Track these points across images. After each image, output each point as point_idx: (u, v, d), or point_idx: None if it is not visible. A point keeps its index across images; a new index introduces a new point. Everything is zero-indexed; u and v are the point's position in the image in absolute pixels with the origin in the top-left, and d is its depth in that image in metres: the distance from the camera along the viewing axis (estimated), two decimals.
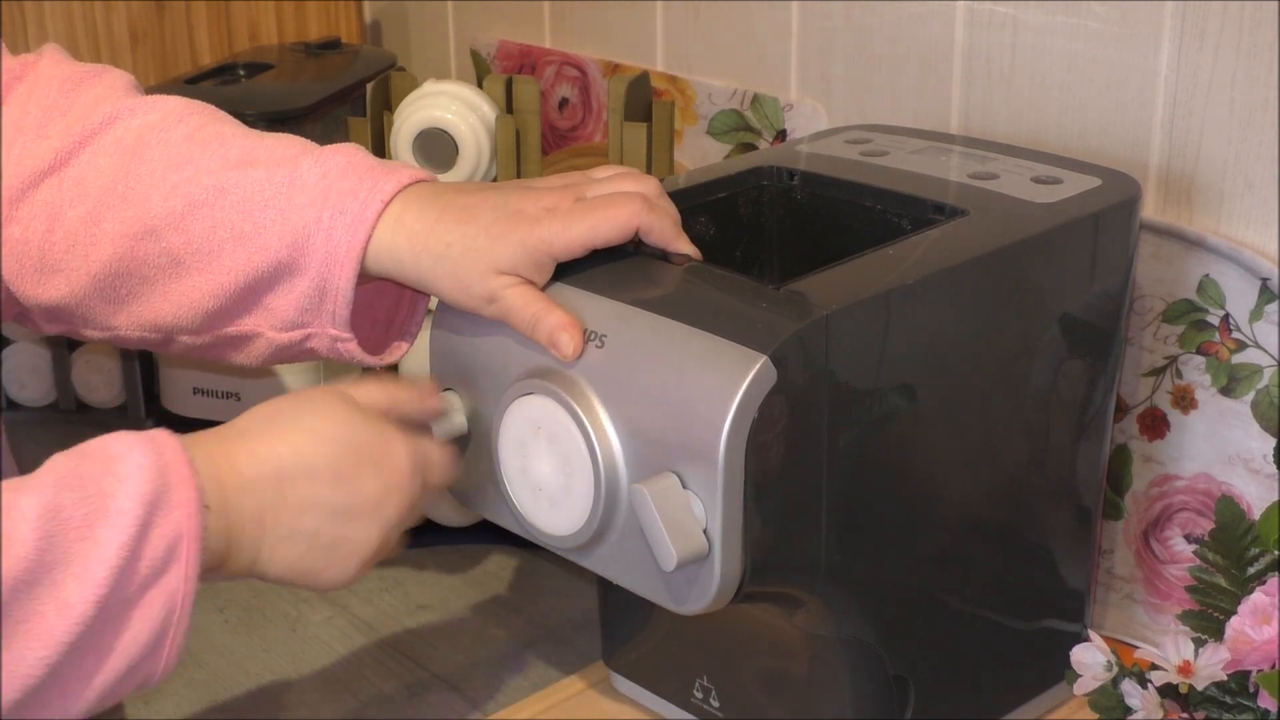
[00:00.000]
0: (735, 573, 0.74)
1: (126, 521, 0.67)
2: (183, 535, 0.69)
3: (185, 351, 0.87)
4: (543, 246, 0.78)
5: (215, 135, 0.85)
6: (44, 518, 0.66)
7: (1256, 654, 0.73)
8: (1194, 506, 0.99)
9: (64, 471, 0.68)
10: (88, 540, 0.66)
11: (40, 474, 0.69)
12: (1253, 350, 0.95)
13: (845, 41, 1.15)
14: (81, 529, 0.66)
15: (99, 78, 0.89)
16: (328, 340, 0.83)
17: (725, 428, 0.70)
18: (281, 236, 0.81)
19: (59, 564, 0.66)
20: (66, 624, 0.65)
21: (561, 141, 1.38)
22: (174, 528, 0.69)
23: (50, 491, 0.67)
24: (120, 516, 0.67)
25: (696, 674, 0.92)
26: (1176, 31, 0.96)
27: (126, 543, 0.67)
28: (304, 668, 1.03)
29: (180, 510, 0.69)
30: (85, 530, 0.66)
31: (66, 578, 0.66)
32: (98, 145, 0.85)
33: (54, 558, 0.65)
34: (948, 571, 0.86)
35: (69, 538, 0.66)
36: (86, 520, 0.67)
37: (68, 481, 0.68)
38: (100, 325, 0.87)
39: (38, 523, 0.65)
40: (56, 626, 0.65)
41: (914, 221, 0.87)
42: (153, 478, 0.69)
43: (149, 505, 0.68)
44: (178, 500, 0.69)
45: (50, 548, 0.65)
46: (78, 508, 0.67)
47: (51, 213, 0.85)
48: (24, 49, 1.33)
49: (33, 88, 0.88)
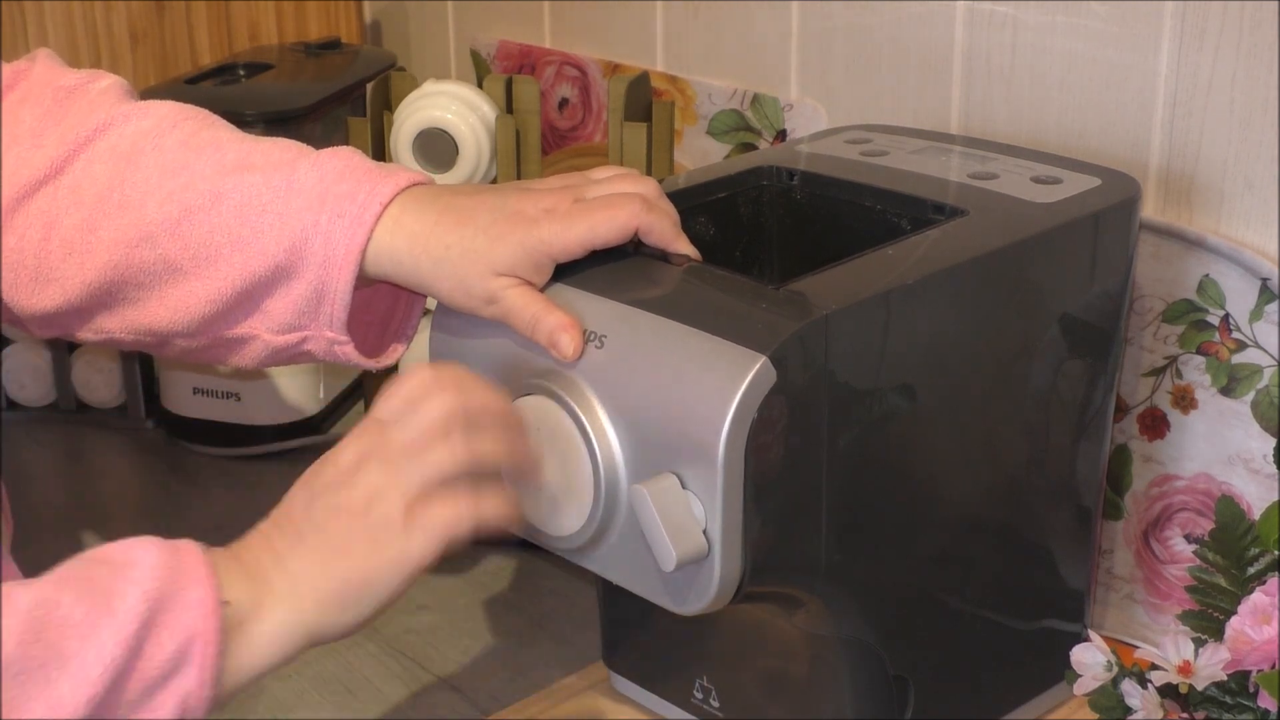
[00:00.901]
0: (735, 573, 0.74)
1: (128, 619, 0.64)
2: (196, 636, 0.66)
3: (181, 354, 0.87)
4: (542, 247, 0.78)
5: (210, 140, 0.85)
6: (33, 612, 0.63)
7: (1256, 654, 0.73)
8: (1194, 506, 0.99)
9: (71, 571, 0.66)
10: (87, 638, 0.64)
11: (49, 572, 0.67)
12: (1253, 350, 0.95)
13: (845, 41, 1.15)
14: (81, 627, 0.64)
15: (92, 84, 0.88)
16: (324, 343, 0.83)
17: (725, 428, 0.70)
18: (279, 241, 0.81)
19: (53, 662, 0.63)
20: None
21: (561, 141, 1.38)
22: (186, 628, 0.66)
23: (51, 588, 0.65)
24: (123, 615, 0.64)
25: (696, 674, 0.92)
26: (1176, 31, 0.96)
27: (125, 640, 0.64)
28: (304, 668, 1.03)
29: (194, 611, 0.66)
30: (86, 629, 0.64)
31: (60, 676, 0.63)
32: (92, 153, 0.85)
33: (45, 654, 0.63)
34: (948, 571, 0.86)
35: (66, 635, 0.63)
36: (87, 619, 0.64)
37: (71, 581, 0.65)
38: (95, 329, 0.87)
39: (26, 616, 0.63)
40: None
41: (914, 221, 0.87)
42: (162, 576, 0.66)
43: (155, 603, 0.65)
44: (191, 600, 0.66)
45: (39, 642, 0.63)
46: (79, 605, 0.64)
47: (47, 222, 0.84)
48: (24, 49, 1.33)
49: (26, 95, 0.88)
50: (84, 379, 1.37)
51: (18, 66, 0.89)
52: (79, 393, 1.38)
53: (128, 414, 1.38)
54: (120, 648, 0.64)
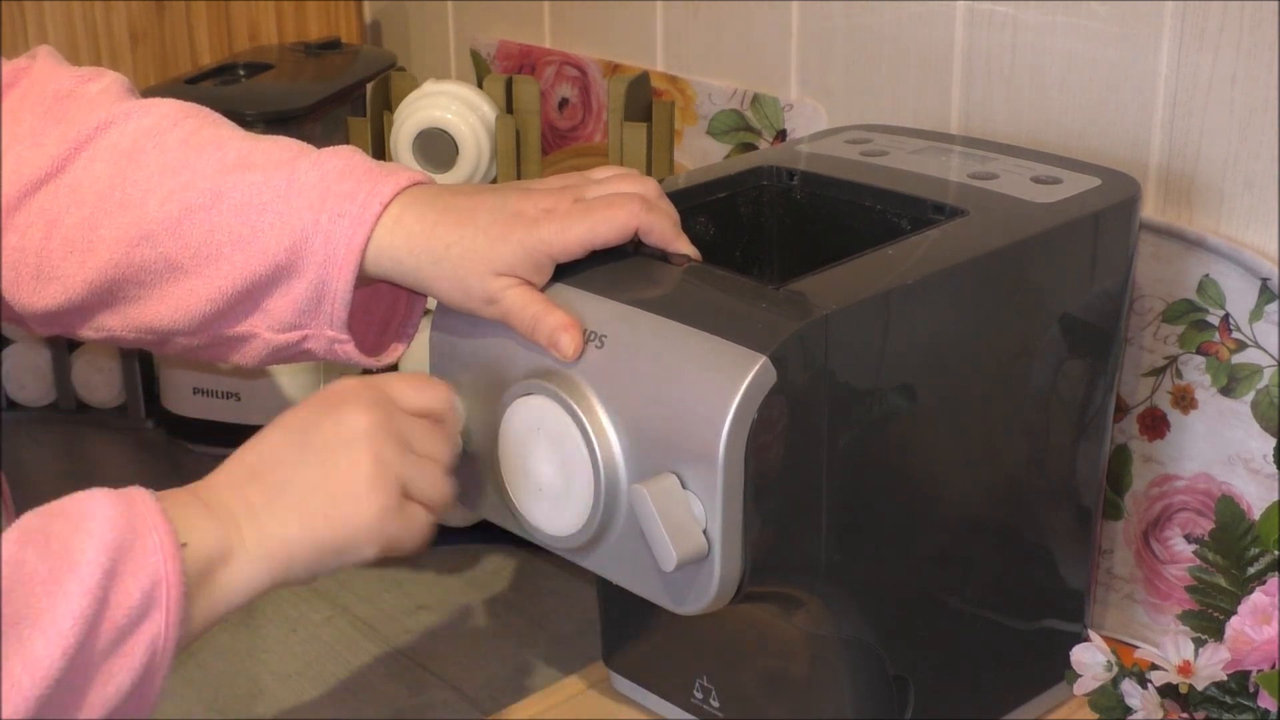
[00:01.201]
0: (735, 573, 0.74)
1: (91, 571, 0.65)
2: (159, 580, 0.67)
3: (181, 352, 0.87)
4: (542, 247, 0.78)
5: (211, 139, 0.85)
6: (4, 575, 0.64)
7: (1256, 654, 0.73)
8: (1194, 506, 0.99)
9: (31, 529, 0.67)
10: (54, 594, 0.64)
11: (9, 531, 0.67)
12: (1253, 350, 0.95)
13: (845, 41, 1.15)
14: (47, 583, 0.64)
15: (93, 82, 0.88)
16: (325, 341, 0.83)
17: (725, 428, 0.70)
18: (280, 239, 0.81)
19: (24, 619, 0.63)
20: (34, 680, 0.63)
21: (561, 141, 1.38)
22: (149, 574, 0.67)
23: (13, 548, 0.65)
24: (86, 567, 0.65)
25: (696, 674, 0.92)
26: (1176, 31, 0.96)
27: (90, 590, 0.65)
28: (304, 668, 1.03)
29: (155, 555, 0.67)
30: (51, 584, 0.64)
31: (33, 633, 0.63)
32: (93, 151, 0.85)
33: (15, 612, 0.63)
34: (948, 571, 0.86)
35: (34, 592, 0.64)
36: (52, 574, 0.65)
37: (33, 539, 0.66)
38: (96, 327, 0.87)
39: None
40: (24, 682, 0.63)
41: (914, 221, 0.87)
42: (118, 526, 0.67)
43: (115, 553, 0.66)
44: (150, 546, 0.67)
45: (9, 602, 0.63)
46: (42, 563, 0.65)
47: (49, 220, 0.84)
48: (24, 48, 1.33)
49: (26, 93, 0.88)
50: (84, 379, 1.37)
51: (18, 64, 0.89)
52: (79, 393, 1.38)
53: (128, 414, 1.38)
54: (87, 598, 0.65)
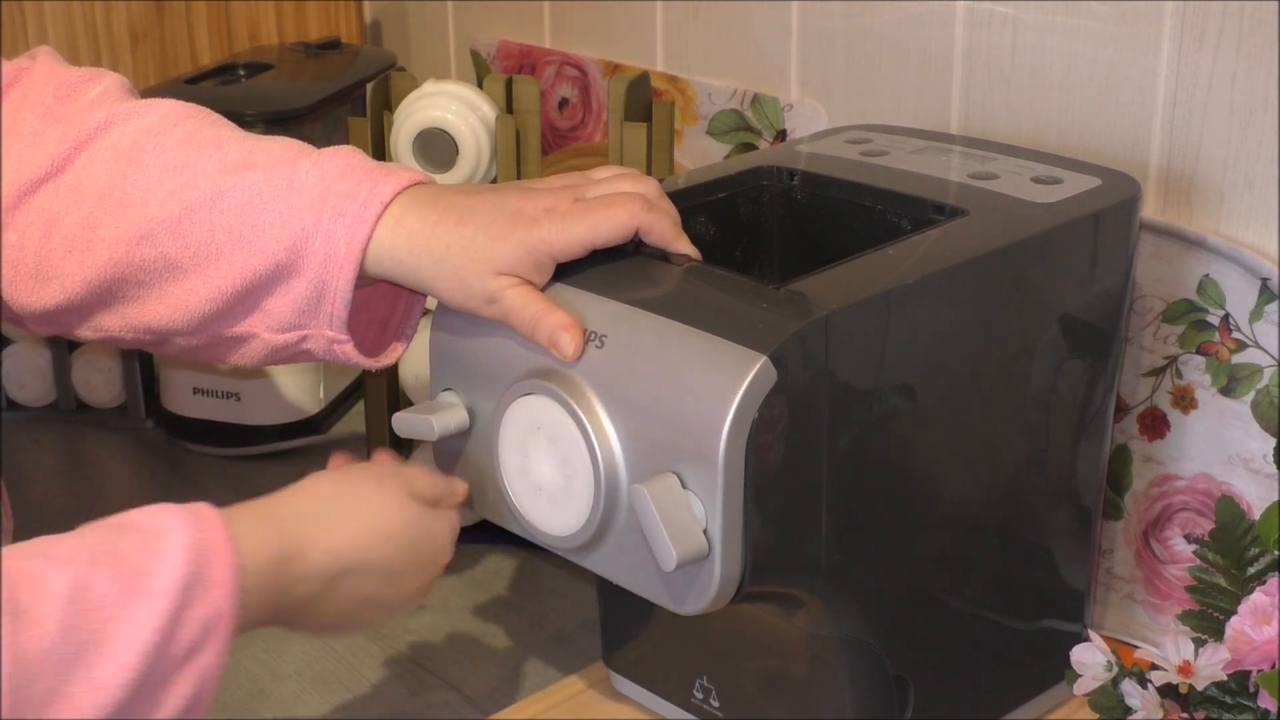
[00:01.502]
0: (735, 573, 0.74)
1: (163, 604, 0.65)
2: (220, 615, 0.68)
3: (180, 352, 0.87)
4: (542, 247, 0.78)
5: (211, 139, 0.85)
6: (72, 597, 0.64)
7: (1256, 654, 0.73)
8: (1194, 506, 0.99)
9: (100, 547, 0.67)
10: (121, 620, 0.64)
11: (76, 543, 0.67)
12: (1253, 350, 0.95)
13: (845, 41, 1.15)
14: (115, 608, 0.64)
15: (94, 82, 0.88)
16: (324, 342, 0.83)
17: (725, 428, 0.70)
18: (280, 239, 0.81)
19: (91, 644, 0.63)
20: (96, 704, 0.63)
21: (561, 141, 1.38)
22: (211, 609, 0.67)
23: (83, 567, 0.65)
24: (157, 599, 0.65)
25: (696, 674, 0.92)
26: (1176, 31, 0.96)
27: (160, 625, 0.65)
28: (304, 668, 1.03)
29: (217, 591, 0.67)
30: (119, 609, 0.64)
31: (98, 658, 0.63)
32: (94, 151, 0.85)
33: (83, 637, 0.63)
34: (948, 571, 0.86)
35: (101, 617, 0.64)
36: (120, 599, 0.65)
37: (102, 558, 0.66)
38: (94, 327, 0.87)
39: (64, 602, 0.63)
40: (85, 706, 0.63)
41: (914, 221, 0.87)
42: (192, 558, 0.67)
43: (186, 587, 0.66)
44: (216, 581, 0.68)
45: (77, 627, 0.63)
46: (111, 585, 0.65)
47: (48, 220, 0.84)
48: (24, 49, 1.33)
49: (26, 93, 0.88)
50: (84, 379, 1.37)
51: (18, 64, 0.89)
52: (79, 393, 1.38)
53: (128, 414, 1.38)
54: (156, 633, 0.65)
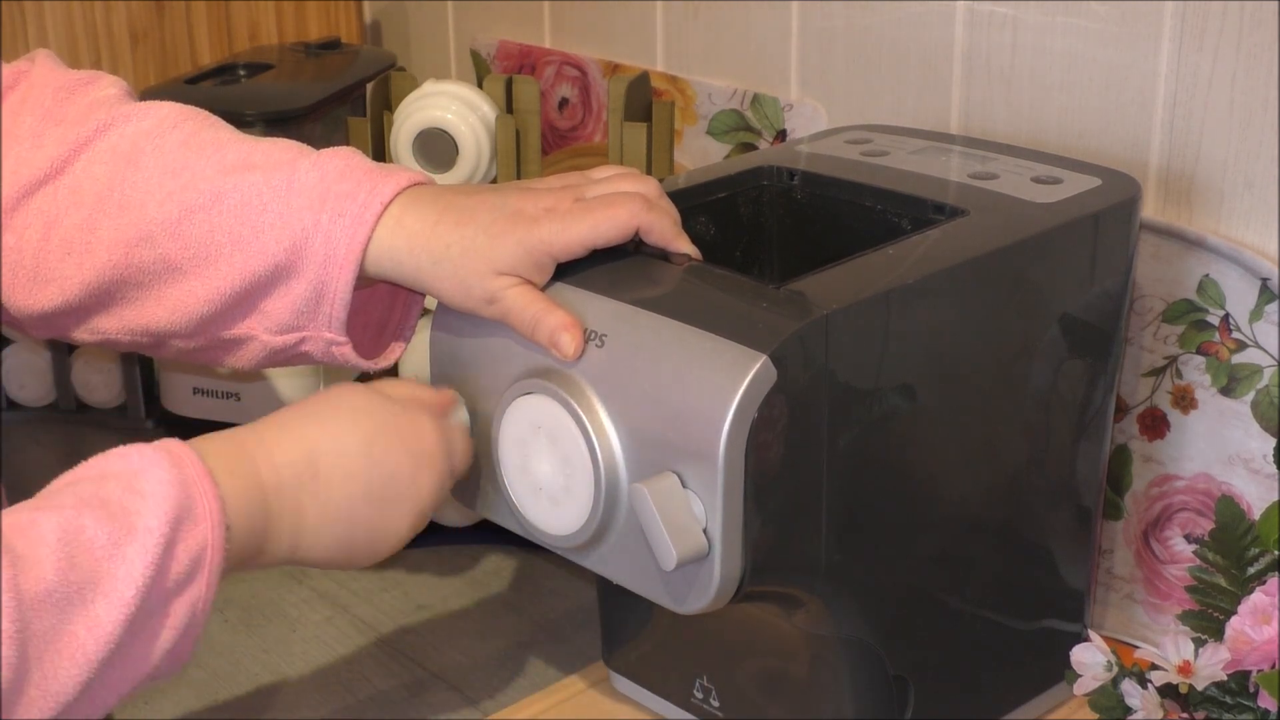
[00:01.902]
0: (735, 572, 0.74)
1: (153, 540, 0.68)
2: (206, 547, 0.70)
3: (177, 355, 0.87)
4: (542, 247, 0.78)
5: (210, 140, 0.85)
6: (64, 540, 0.66)
7: (1256, 654, 0.73)
8: (1194, 506, 0.99)
9: (85, 492, 0.69)
10: (115, 559, 0.67)
11: (60, 493, 0.69)
12: (1253, 350, 0.95)
13: (845, 41, 1.15)
14: (108, 548, 0.67)
15: (93, 84, 0.88)
16: (322, 344, 0.83)
17: (725, 427, 0.70)
18: (280, 240, 0.81)
19: (87, 584, 0.66)
20: (97, 642, 0.66)
21: (561, 141, 1.38)
22: (198, 541, 0.70)
23: (71, 512, 0.67)
24: (147, 535, 0.68)
25: (696, 674, 0.92)
26: (1176, 31, 0.96)
27: (153, 560, 0.67)
28: (304, 668, 1.03)
29: (204, 523, 0.70)
30: (112, 549, 0.67)
31: (95, 597, 0.66)
32: (93, 153, 0.85)
33: (80, 577, 0.66)
34: (948, 571, 0.86)
35: (95, 557, 0.66)
36: (112, 539, 0.67)
37: (89, 502, 0.68)
38: (92, 330, 0.87)
39: (57, 544, 0.65)
40: (88, 644, 0.66)
41: (914, 221, 0.87)
42: (176, 493, 0.69)
43: (174, 522, 0.69)
44: (201, 514, 0.70)
45: (74, 568, 0.65)
46: (102, 527, 0.67)
47: (47, 222, 0.84)
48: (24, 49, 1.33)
49: (26, 95, 0.88)
50: (84, 379, 1.37)
51: (18, 67, 0.89)
52: (79, 393, 1.38)
53: (128, 414, 1.38)
54: (149, 567, 0.67)
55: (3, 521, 0.66)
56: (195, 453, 0.72)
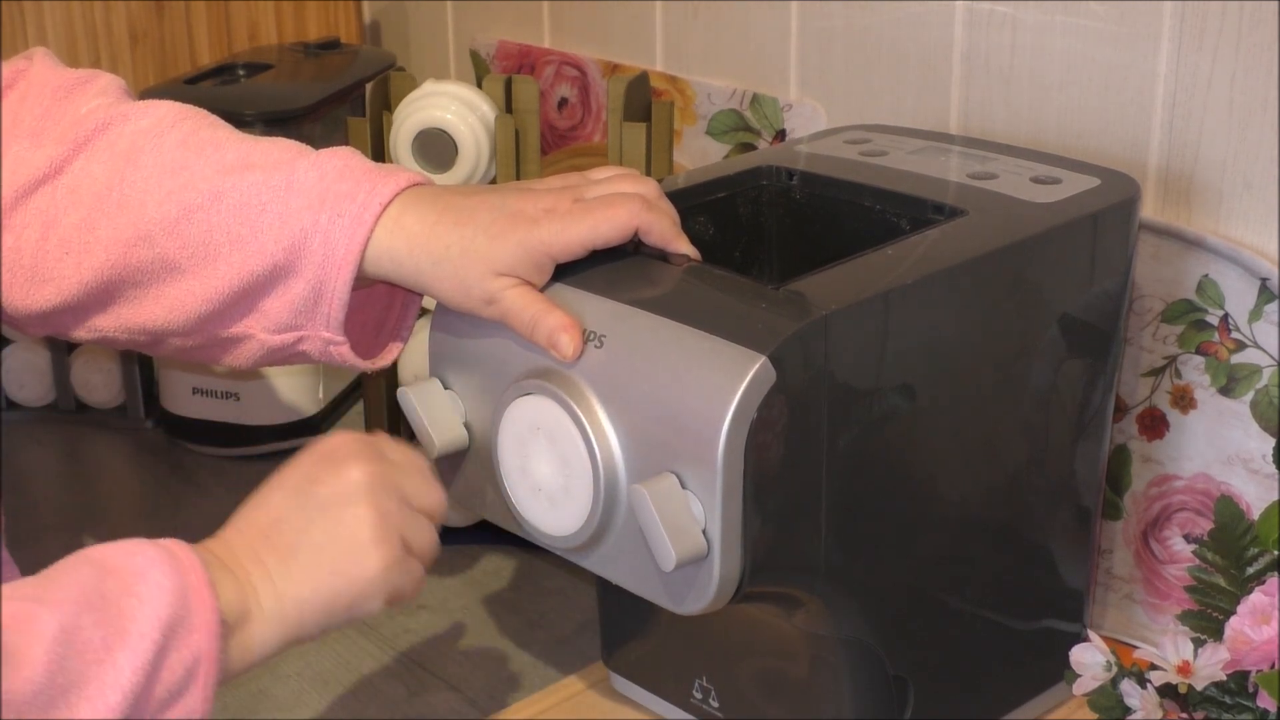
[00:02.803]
0: (735, 573, 0.74)
1: (145, 646, 0.66)
2: (201, 658, 0.68)
3: (174, 353, 0.87)
4: (542, 248, 0.78)
5: (209, 140, 0.85)
6: (60, 640, 0.64)
7: (1256, 654, 0.73)
8: (1193, 506, 0.99)
9: (88, 586, 0.67)
10: (104, 664, 0.65)
11: (66, 586, 0.67)
12: (1252, 350, 0.95)
13: (845, 41, 1.15)
14: (99, 652, 0.65)
15: (91, 83, 0.88)
16: (320, 343, 0.83)
17: (724, 428, 0.70)
18: (279, 240, 0.81)
19: (73, 686, 0.64)
20: None
21: (561, 141, 1.38)
22: (193, 651, 0.68)
23: (72, 610, 0.65)
24: (139, 640, 0.66)
25: (696, 674, 0.92)
26: (1176, 31, 0.96)
27: (142, 667, 0.66)
28: (304, 668, 1.03)
29: (199, 633, 0.68)
30: (103, 654, 0.65)
31: (80, 701, 0.64)
32: (91, 152, 0.85)
33: (68, 680, 0.64)
34: (948, 571, 0.86)
35: (85, 660, 0.65)
36: (105, 644, 0.65)
37: (90, 599, 0.66)
38: (89, 328, 0.87)
39: (53, 645, 0.64)
40: None
41: (913, 221, 0.87)
42: (172, 601, 0.67)
43: (168, 630, 0.67)
44: (198, 623, 0.68)
45: (63, 670, 0.64)
46: (97, 630, 0.65)
47: (45, 221, 0.84)
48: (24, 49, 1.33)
49: (24, 95, 0.88)
50: (84, 379, 1.37)
51: (16, 65, 0.89)
52: (79, 393, 1.38)
53: (127, 414, 1.38)
54: (137, 675, 0.65)
55: (6, 609, 0.64)
56: (198, 559, 0.70)
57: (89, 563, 0.69)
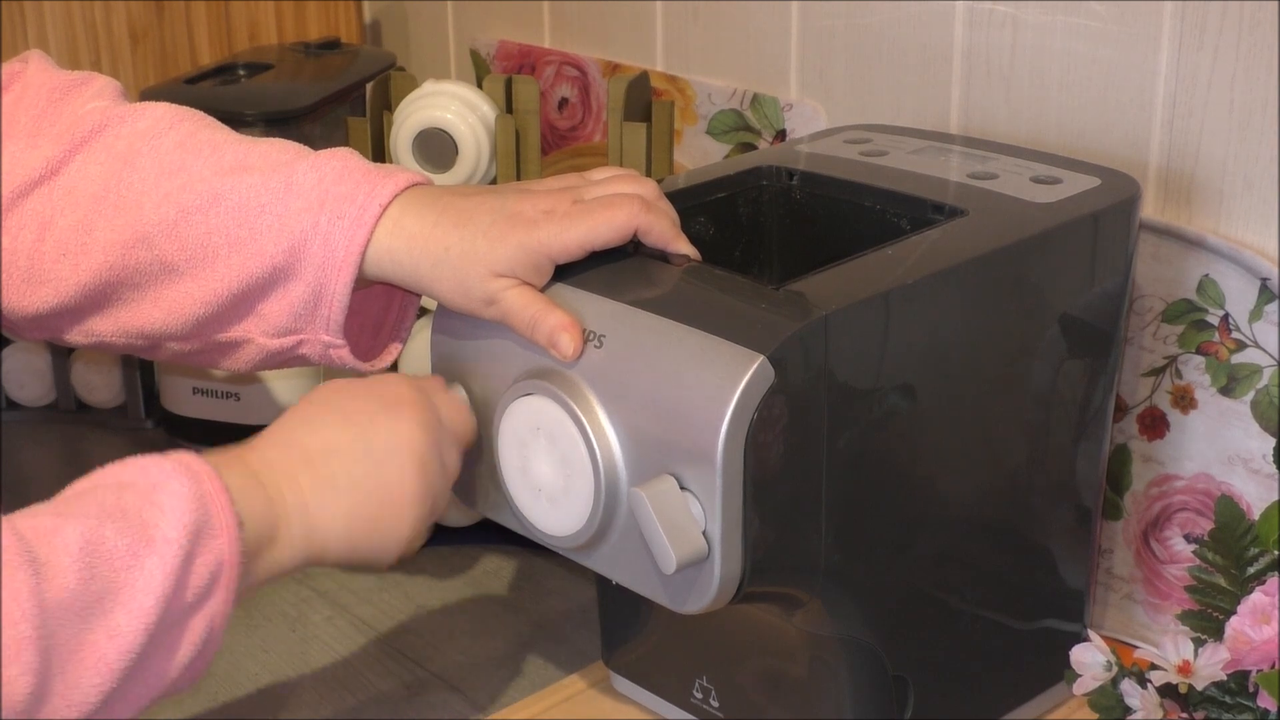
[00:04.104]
0: (735, 573, 0.74)
1: (172, 551, 0.68)
2: (224, 562, 0.70)
3: (172, 357, 0.87)
4: (541, 249, 0.78)
5: (207, 141, 0.85)
6: (86, 549, 0.66)
7: (1256, 654, 0.73)
8: (1194, 506, 0.99)
9: (107, 501, 0.69)
10: (134, 569, 0.67)
11: (81, 498, 0.70)
12: (1252, 350, 0.95)
13: (845, 41, 1.15)
14: (127, 558, 0.67)
15: (87, 85, 0.88)
16: (320, 346, 0.83)
17: (723, 428, 0.70)
18: (278, 242, 0.81)
19: (107, 593, 0.66)
20: (118, 650, 0.66)
21: (561, 141, 1.38)
22: (216, 555, 0.70)
23: (94, 521, 0.67)
24: (166, 545, 0.68)
25: (696, 674, 0.92)
26: (1176, 31, 0.96)
27: (172, 571, 0.68)
28: (304, 668, 1.03)
29: (221, 537, 0.70)
30: (131, 560, 0.67)
31: (115, 606, 0.66)
32: (88, 153, 0.85)
33: (100, 587, 0.66)
34: (948, 571, 0.86)
35: (115, 567, 0.67)
36: (131, 550, 0.67)
37: (110, 511, 0.68)
38: (86, 332, 0.87)
39: (80, 554, 0.66)
40: (109, 654, 0.66)
41: (914, 221, 0.87)
42: (194, 507, 0.69)
43: (192, 534, 0.69)
44: (219, 527, 0.70)
45: (94, 577, 0.66)
46: (121, 537, 0.67)
47: (42, 222, 0.84)
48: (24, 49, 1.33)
49: (20, 96, 0.88)
50: (84, 379, 1.37)
51: (12, 67, 0.89)
52: (79, 393, 1.38)
53: (128, 414, 1.38)
54: (168, 579, 0.68)
55: (27, 525, 0.66)
56: (211, 467, 0.72)
57: (102, 482, 0.71)
